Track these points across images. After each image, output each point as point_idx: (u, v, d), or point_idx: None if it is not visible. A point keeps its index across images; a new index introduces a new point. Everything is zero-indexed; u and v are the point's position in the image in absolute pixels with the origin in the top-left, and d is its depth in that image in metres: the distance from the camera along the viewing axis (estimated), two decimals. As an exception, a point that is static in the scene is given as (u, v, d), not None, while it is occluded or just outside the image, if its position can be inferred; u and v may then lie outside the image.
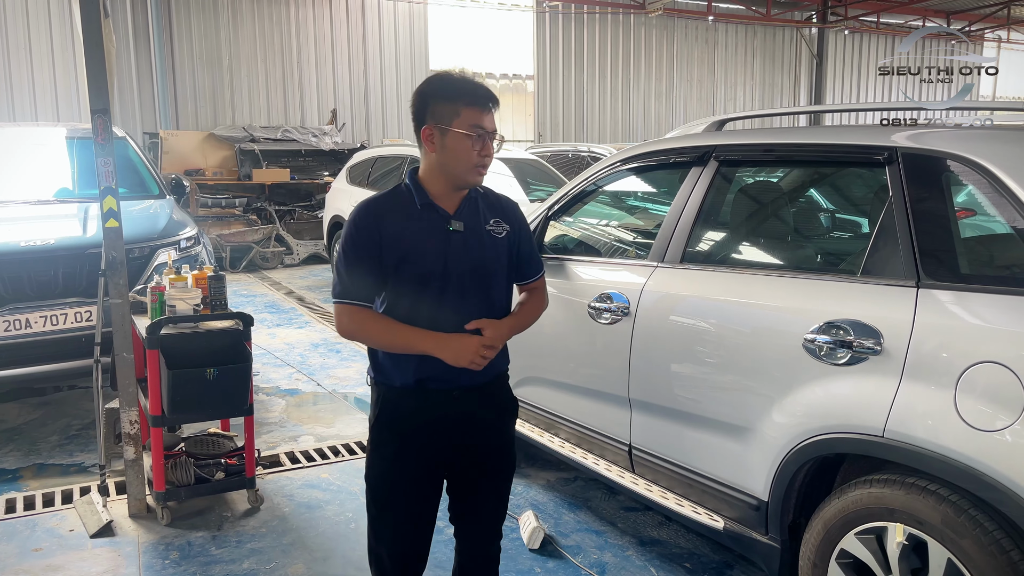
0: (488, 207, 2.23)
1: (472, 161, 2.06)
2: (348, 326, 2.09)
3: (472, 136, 2.04)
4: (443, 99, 2.06)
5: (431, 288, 2.08)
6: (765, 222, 3.15)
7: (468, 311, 2.12)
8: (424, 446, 2.16)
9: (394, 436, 2.17)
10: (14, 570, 3.17)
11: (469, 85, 2.08)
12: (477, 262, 2.14)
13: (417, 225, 2.09)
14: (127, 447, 3.62)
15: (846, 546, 2.29)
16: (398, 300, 2.09)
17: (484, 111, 2.06)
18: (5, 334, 4.48)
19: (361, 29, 15.64)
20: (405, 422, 2.15)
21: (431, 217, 2.11)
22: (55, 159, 6.17)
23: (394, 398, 2.16)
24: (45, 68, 13.12)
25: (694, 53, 19.68)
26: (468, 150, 2.05)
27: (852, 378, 2.26)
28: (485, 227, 2.18)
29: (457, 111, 2.04)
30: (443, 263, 2.09)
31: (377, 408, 2.19)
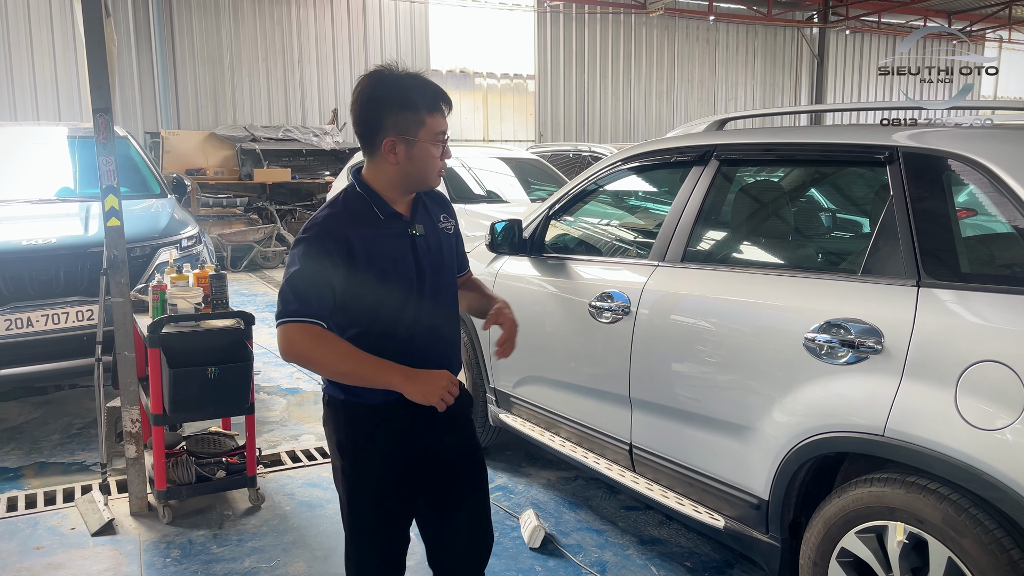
0: (433, 204, 2.14)
1: (437, 167, 2.00)
2: (300, 347, 1.88)
3: (437, 142, 1.97)
4: (404, 108, 1.92)
5: (410, 298, 1.99)
6: (766, 221, 3.15)
7: (439, 314, 2.06)
8: (406, 464, 2.05)
9: (374, 460, 2.03)
10: (15, 568, 3.17)
11: (427, 89, 1.95)
12: (439, 263, 2.08)
13: (386, 236, 1.98)
14: (128, 446, 3.63)
15: (847, 545, 2.30)
16: (374, 320, 1.96)
17: (444, 115, 1.98)
18: (7, 333, 4.49)
19: (362, 28, 15.66)
20: (385, 443, 2.02)
21: (396, 225, 2.01)
22: (57, 158, 6.18)
23: (369, 418, 2.01)
24: (47, 67, 13.14)
25: (695, 53, 19.69)
26: (433, 158, 1.97)
27: (852, 377, 2.27)
28: (438, 225, 2.12)
29: (421, 120, 1.93)
30: (416, 270, 2.01)
31: (349, 430, 2.04)
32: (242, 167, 12.59)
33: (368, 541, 2.09)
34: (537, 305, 3.64)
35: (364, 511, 2.07)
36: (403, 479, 2.06)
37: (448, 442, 2.12)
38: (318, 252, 1.90)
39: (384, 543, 2.10)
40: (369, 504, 2.06)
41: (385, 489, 2.05)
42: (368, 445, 2.03)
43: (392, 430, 2.02)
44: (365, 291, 1.93)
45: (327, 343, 1.89)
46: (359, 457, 2.05)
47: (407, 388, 1.89)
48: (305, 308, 1.88)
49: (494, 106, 17.71)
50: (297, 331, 1.88)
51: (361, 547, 2.10)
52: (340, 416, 2.05)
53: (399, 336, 1.98)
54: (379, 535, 2.08)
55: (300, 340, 1.88)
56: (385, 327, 1.97)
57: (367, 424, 2.02)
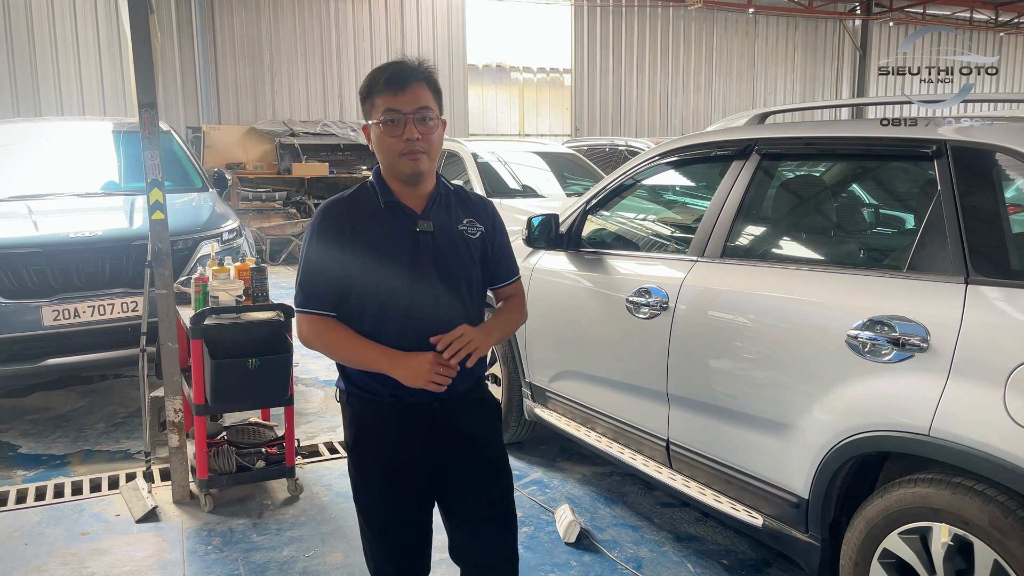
0: (461, 206, 2.07)
1: (396, 148, 1.91)
2: (308, 336, 1.97)
3: (387, 123, 1.90)
4: (364, 97, 1.96)
5: (400, 294, 1.94)
6: (807, 217, 3.11)
7: (441, 318, 1.96)
8: (410, 465, 2.01)
9: (377, 457, 2.02)
10: (62, 553, 3.25)
11: (386, 71, 1.93)
12: (449, 265, 1.99)
13: (383, 225, 1.96)
14: (171, 435, 3.70)
15: (889, 546, 2.26)
16: (365, 308, 1.96)
17: (398, 92, 1.89)
18: (54, 323, 4.60)
19: (400, 23, 15.73)
20: (387, 440, 2.00)
21: (398, 217, 1.97)
22: (102, 153, 6.31)
23: (372, 413, 2.01)
24: (92, 64, 13.41)
25: (734, 46, 19.45)
26: (387, 139, 1.91)
27: (897, 375, 2.23)
28: (457, 227, 2.03)
29: (373, 102, 1.93)
30: (411, 266, 1.95)
31: (354, 427, 2.04)
32: (281, 161, 12.74)
33: (375, 538, 2.08)
34: (573, 300, 3.63)
35: (367, 509, 2.07)
36: (403, 480, 2.02)
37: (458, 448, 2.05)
38: (319, 237, 1.95)
39: (389, 541, 2.07)
40: (370, 502, 2.06)
41: (383, 488, 2.03)
42: (367, 440, 2.03)
43: (390, 427, 2.00)
44: (359, 277, 1.94)
45: (329, 333, 1.96)
46: (359, 452, 2.06)
47: (395, 372, 1.91)
48: (311, 300, 1.96)
49: (530, 100, 17.68)
50: (305, 322, 1.98)
51: (371, 544, 2.10)
52: (346, 411, 2.07)
53: (392, 327, 1.95)
54: (383, 533, 2.07)
55: (307, 331, 1.98)
56: (379, 316, 1.96)
57: (367, 419, 2.03)
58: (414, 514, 2.07)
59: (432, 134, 1.94)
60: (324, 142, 13.18)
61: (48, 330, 4.59)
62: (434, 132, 1.95)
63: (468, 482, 2.08)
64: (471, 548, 2.12)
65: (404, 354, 1.92)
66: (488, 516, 2.10)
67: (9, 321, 4.53)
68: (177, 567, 3.15)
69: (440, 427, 2.02)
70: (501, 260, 2.16)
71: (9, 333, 4.53)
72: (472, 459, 2.08)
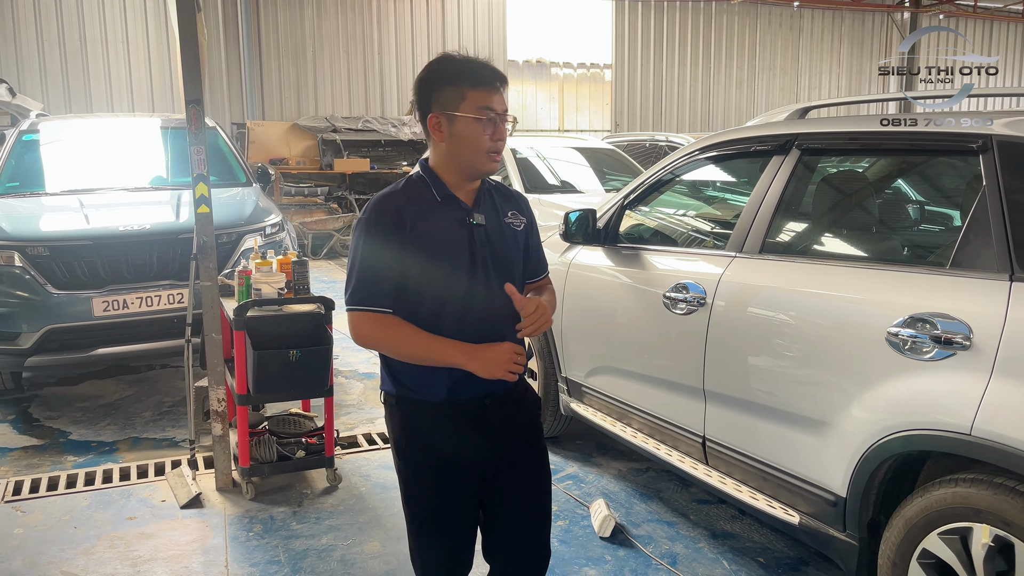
0: (503, 200, 2.09)
1: (484, 147, 1.91)
2: (367, 335, 1.91)
3: (481, 120, 1.89)
4: (447, 83, 1.91)
5: (458, 287, 1.93)
6: (848, 213, 3.07)
7: (494, 310, 1.96)
8: (462, 464, 2.00)
9: (429, 458, 1.99)
10: (110, 537, 3.36)
11: (473, 65, 1.91)
12: (501, 256, 2.00)
13: (440, 219, 1.94)
14: (215, 424, 3.79)
15: (928, 546, 2.23)
16: (421, 303, 1.93)
17: (492, 91, 1.90)
18: (104, 314, 4.73)
19: (440, 19, 15.80)
20: (439, 441, 1.98)
21: (452, 210, 1.96)
22: (150, 148, 6.47)
23: (423, 415, 1.98)
24: (141, 61, 13.71)
25: (777, 40, 19.17)
26: (479, 135, 1.90)
27: (938, 373, 2.19)
28: (504, 220, 2.05)
29: (463, 94, 1.89)
30: (469, 259, 1.95)
31: (405, 429, 2.01)
32: (323, 157, 12.91)
33: (425, 538, 2.07)
34: (610, 295, 3.63)
35: (418, 510, 2.05)
36: (455, 480, 2.01)
37: (506, 444, 2.05)
38: (376, 233, 1.90)
39: (440, 540, 2.06)
40: (423, 504, 2.04)
41: (436, 489, 2.01)
42: (421, 443, 2.00)
43: (445, 428, 1.98)
44: (417, 271, 1.91)
45: (390, 329, 1.90)
46: (412, 455, 2.03)
47: (471, 365, 1.87)
48: (368, 297, 1.90)
49: (570, 96, 17.64)
50: (363, 321, 1.91)
51: (420, 544, 2.09)
52: (395, 413, 2.03)
53: (449, 320, 1.93)
54: (434, 533, 2.06)
55: (365, 329, 1.92)
56: (436, 310, 1.93)
57: (420, 422, 2.00)
58: (463, 514, 2.05)
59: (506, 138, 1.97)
60: (365, 138, 13.32)
61: (98, 320, 4.74)
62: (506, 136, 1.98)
63: (513, 481, 2.08)
64: (508, 547, 2.12)
65: (479, 346, 1.89)
66: (529, 518, 2.11)
67: (62, 311, 4.68)
68: (220, 552, 3.23)
69: (491, 423, 2.01)
70: (537, 255, 2.19)
71: (62, 323, 4.68)
72: (519, 457, 2.08)
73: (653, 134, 12.17)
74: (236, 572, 3.09)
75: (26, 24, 12.90)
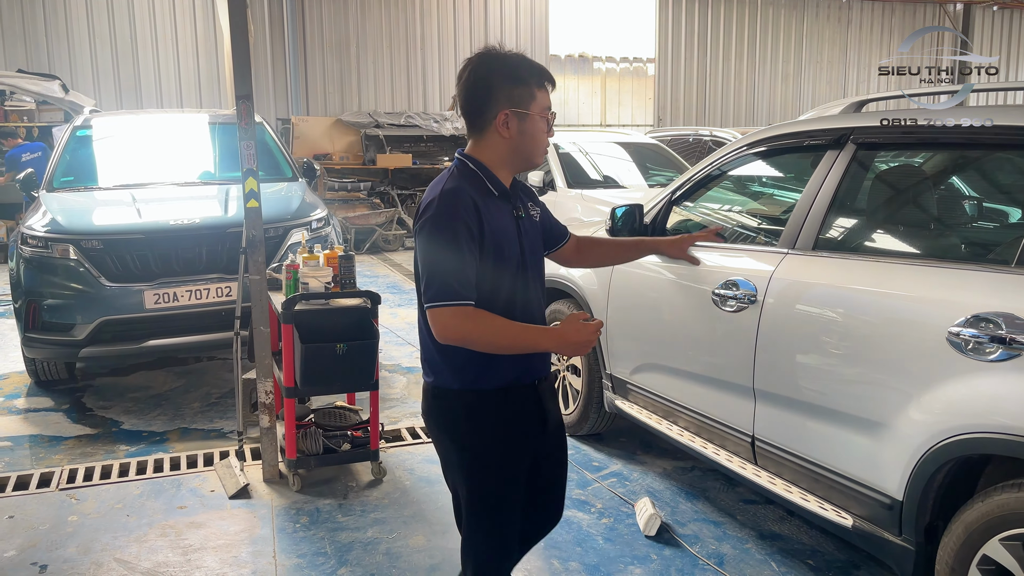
0: (524, 194, 2.21)
1: (545, 143, 2.07)
2: (461, 331, 1.91)
3: (547, 118, 2.04)
4: (517, 81, 1.98)
5: (517, 278, 2.05)
6: (905, 209, 2.98)
7: (534, 296, 2.13)
8: (524, 448, 2.10)
9: (498, 442, 2.06)
10: (161, 526, 3.42)
11: (536, 65, 2.03)
12: (534, 245, 2.16)
13: (500, 211, 2.03)
14: (262, 416, 3.83)
15: (989, 552, 2.16)
16: (494, 293, 1.99)
17: (549, 91, 2.05)
18: (155, 306, 4.82)
19: (483, 14, 15.81)
20: (503, 427, 2.05)
21: (505, 203, 2.07)
22: (199, 143, 6.57)
23: (486, 405, 2.04)
24: (190, 59, 13.96)
25: (825, 33, 18.80)
26: (542, 133, 2.04)
27: (1002, 375, 2.12)
28: (529, 212, 2.18)
29: (532, 94, 1.99)
30: (520, 249, 2.07)
31: (469, 421, 2.04)
32: (366, 152, 13.00)
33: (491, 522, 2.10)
34: (657, 292, 3.59)
35: (488, 496, 2.08)
36: (519, 461, 2.10)
37: (553, 420, 2.21)
38: (455, 224, 1.91)
39: (507, 522, 2.11)
40: (494, 489, 2.08)
41: (506, 471, 2.08)
42: (488, 432, 2.04)
43: (507, 414, 2.05)
44: (491, 263, 1.97)
45: (480, 321, 1.92)
46: (480, 445, 2.06)
47: (562, 348, 2.02)
48: (455, 291, 1.90)
49: (612, 90, 17.53)
50: (454, 315, 1.91)
51: (484, 529, 2.11)
52: (456, 408, 2.05)
53: (504, 307, 2.00)
54: (502, 516, 2.10)
55: (455, 323, 1.91)
56: (506, 299, 2.02)
57: (484, 412, 2.03)
58: (521, 497, 2.14)
59: None
60: (408, 133, 13.38)
61: (149, 313, 4.83)
62: None
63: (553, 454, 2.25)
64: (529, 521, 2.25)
65: (566, 329, 1.99)
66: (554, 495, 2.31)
67: (114, 303, 4.78)
68: (267, 543, 3.27)
69: (543, 404, 2.14)
70: (557, 226, 2.40)
71: (114, 315, 4.78)
72: (557, 425, 2.24)
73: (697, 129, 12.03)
74: (283, 563, 3.12)
75: (78, 22, 13.21)
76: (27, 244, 4.87)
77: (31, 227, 4.96)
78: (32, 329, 4.82)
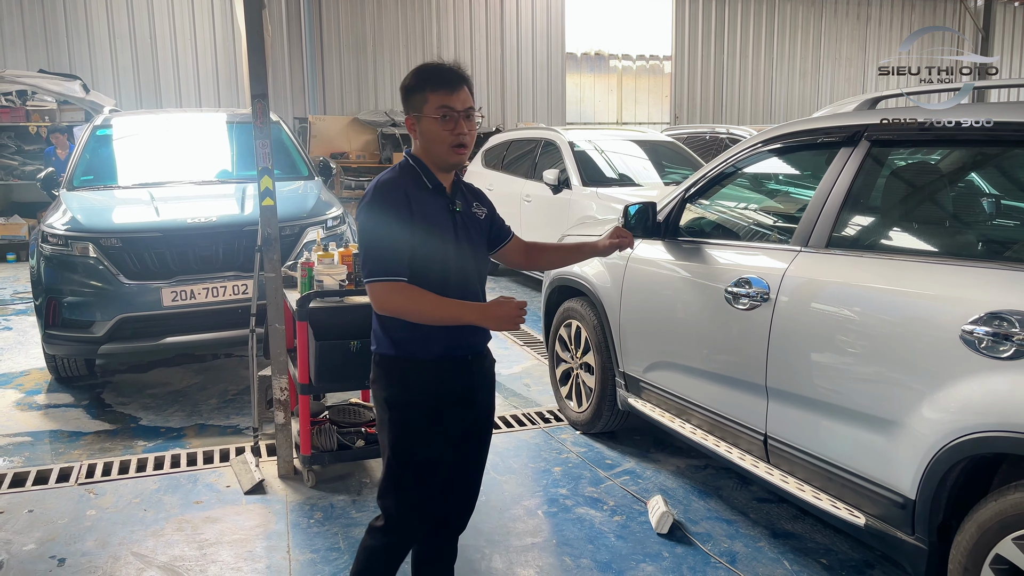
0: (468, 192, 2.39)
1: (447, 141, 2.17)
2: (394, 303, 2.13)
3: (441, 117, 2.14)
4: (413, 89, 2.19)
5: (446, 263, 2.20)
6: (919, 206, 2.96)
7: (467, 282, 2.26)
8: (451, 416, 2.25)
9: (427, 406, 2.22)
10: (178, 520, 3.46)
11: (434, 69, 2.19)
12: (473, 241, 2.30)
13: (432, 203, 2.21)
14: (277, 412, 3.87)
15: (1002, 551, 2.15)
16: (424, 273, 2.17)
17: (450, 92, 2.15)
18: (173, 304, 4.87)
19: (499, 13, 15.82)
20: (436, 391, 2.22)
21: (438, 197, 2.24)
22: (216, 142, 6.62)
23: (418, 372, 2.22)
24: (208, 59, 14.07)
25: (843, 30, 18.65)
26: (440, 132, 2.16)
27: (1016, 373, 2.11)
28: (472, 210, 2.34)
29: (425, 97, 2.16)
30: (454, 238, 2.23)
31: (400, 385, 2.23)
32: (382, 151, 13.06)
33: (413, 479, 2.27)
34: (670, 290, 3.59)
35: (411, 455, 2.25)
36: (446, 425, 2.26)
37: (483, 396, 2.36)
38: (386, 210, 2.14)
39: (427, 481, 2.28)
40: (418, 449, 2.25)
41: (433, 434, 2.24)
42: (418, 396, 2.22)
43: (438, 382, 2.23)
44: (420, 246, 2.15)
45: (413, 295, 2.13)
46: (410, 408, 2.23)
47: (485, 322, 2.15)
48: (388, 268, 2.12)
49: (628, 88, 17.48)
50: (388, 290, 2.13)
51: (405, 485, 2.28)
52: (392, 373, 2.25)
53: (438, 288, 2.17)
54: (424, 475, 2.27)
55: (391, 297, 2.13)
56: (435, 279, 2.18)
57: (417, 378, 2.22)
58: (444, 457, 2.30)
59: (474, 131, 2.22)
60: (424, 132, 13.40)
61: (167, 310, 4.87)
62: (475, 129, 2.23)
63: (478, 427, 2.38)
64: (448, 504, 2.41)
65: (489, 304, 2.17)
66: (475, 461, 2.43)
67: (133, 301, 4.83)
68: (282, 538, 3.30)
69: (474, 377, 2.30)
70: (501, 227, 2.53)
71: (133, 312, 4.83)
72: (486, 403, 2.39)
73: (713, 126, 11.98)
74: (297, 557, 3.15)
75: (99, 23, 13.35)
76: (47, 242, 4.93)
77: (51, 225, 5.03)
78: (52, 326, 4.89)
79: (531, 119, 15.85)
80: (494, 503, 3.61)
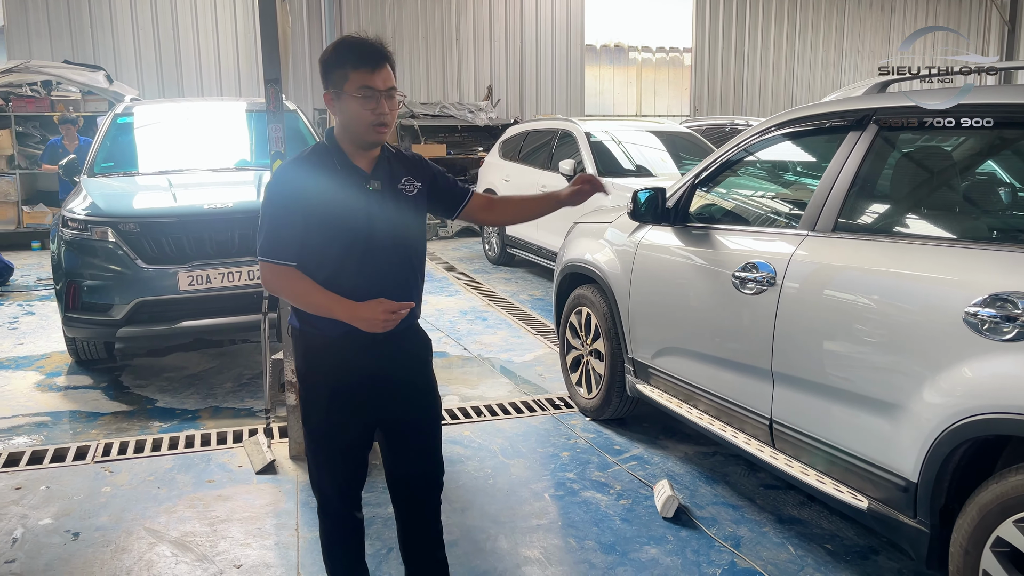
0: (400, 166, 2.32)
1: (367, 120, 2.13)
2: (275, 285, 2.17)
3: (360, 97, 2.11)
4: (334, 65, 2.14)
5: (356, 248, 2.16)
6: (924, 190, 2.95)
7: (391, 272, 2.22)
8: (357, 388, 2.25)
9: (328, 383, 2.25)
10: (190, 498, 3.52)
11: (356, 46, 2.13)
12: (397, 221, 2.23)
13: (340, 183, 2.17)
14: (289, 395, 3.92)
15: (1003, 534, 2.14)
16: (323, 260, 2.16)
17: (372, 70, 2.11)
18: (189, 288, 4.94)
19: (519, 4, 15.80)
20: (337, 367, 2.24)
21: (351, 176, 2.19)
22: (235, 131, 6.70)
23: (322, 345, 2.24)
24: (229, 49, 14.19)
25: (867, 22, 18.44)
26: (360, 111, 2.12)
27: (1018, 355, 2.10)
28: (397, 186, 2.26)
29: (346, 75, 2.11)
30: (367, 223, 2.17)
31: (307, 358, 2.28)
32: (401, 142, 13.10)
33: (323, 454, 2.34)
34: (678, 275, 3.59)
35: (315, 429, 2.32)
36: (349, 403, 2.26)
37: (399, 377, 2.31)
38: (282, 195, 2.16)
39: (334, 457, 2.33)
40: (320, 423, 2.30)
41: (332, 410, 2.26)
42: (318, 371, 2.26)
43: (338, 359, 2.23)
44: (318, 231, 2.13)
45: (291, 281, 2.15)
46: (311, 381, 2.29)
47: (352, 321, 2.11)
48: (273, 251, 2.15)
49: (648, 80, 17.40)
50: (269, 270, 2.17)
51: (318, 459, 2.36)
52: (298, 344, 2.30)
53: (348, 274, 2.17)
54: (329, 450, 2.32)
55: (271, 278, 2.17)
56: (337, 266, 2.16)
57: (317, 353, 2.25)
58: (353, 432, 2.31)
59: (396, 110, 2.20)
60: (442, 124, 13.44)
61: (183, 294, 4.94)
62: (397, 108, 2.21)
63: (403, 409, 2.34)
64: (401, 474, 2.43)
65: (359, 305, 2.11)
66: (417, 447, 2.40)
67: (151, 285, 4.90)
68: (291, 516, 3.35)
69: (381, 354, 2.24)
70: (451, 189, 2.47)
71: (150, 296, 4.90)
72: (408, 385, 2.34)
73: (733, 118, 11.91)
74: (305, 535, 3.20)
75: (122, 15, 13.50)
76: (68, 227, 5.02)
77: (72, 210, 5.11)
78: (72, 309, 4.97)
79: (550, 111, 15.82)
80: (501, 486, 3.64)
